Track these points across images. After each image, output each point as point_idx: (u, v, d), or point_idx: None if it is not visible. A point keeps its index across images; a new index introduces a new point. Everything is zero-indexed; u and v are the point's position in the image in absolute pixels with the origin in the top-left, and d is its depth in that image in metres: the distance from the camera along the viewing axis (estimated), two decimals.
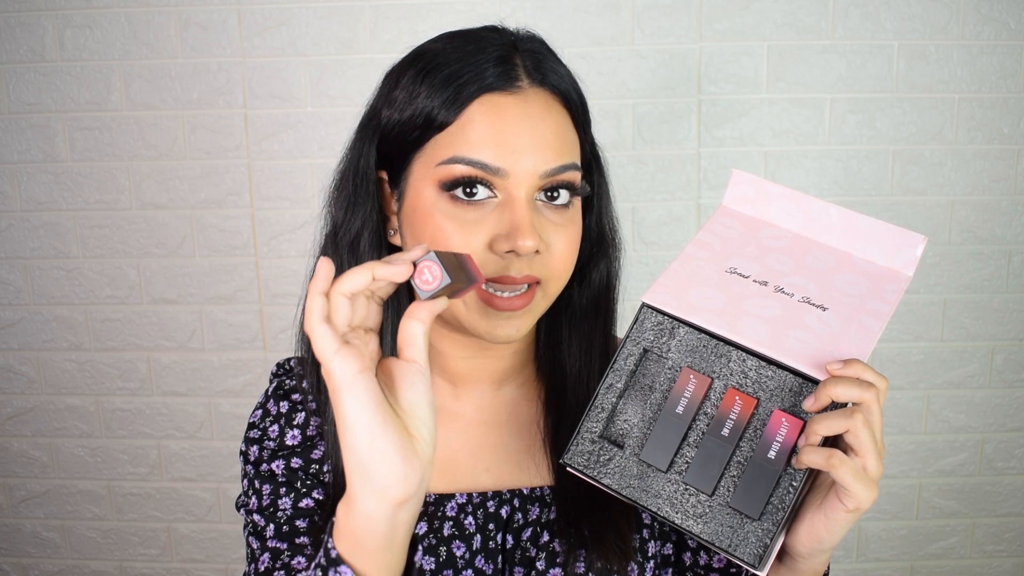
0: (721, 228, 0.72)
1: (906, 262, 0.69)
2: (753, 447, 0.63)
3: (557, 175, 0.68)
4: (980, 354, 1.62)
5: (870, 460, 0.57)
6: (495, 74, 0.68)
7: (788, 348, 0.64)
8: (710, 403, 0.64)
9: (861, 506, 0.58)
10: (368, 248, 0.74)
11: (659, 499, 0.63)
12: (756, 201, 0.73)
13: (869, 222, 0.70)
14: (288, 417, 0.79)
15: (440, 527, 0.74)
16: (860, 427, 0.57)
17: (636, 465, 0.64)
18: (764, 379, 0.64)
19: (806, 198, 0.71)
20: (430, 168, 0.68)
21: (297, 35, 1.54)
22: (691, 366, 0.65)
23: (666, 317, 0.67)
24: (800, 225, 0.72)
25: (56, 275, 1.65)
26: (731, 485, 0.62)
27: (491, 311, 0.69)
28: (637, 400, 0.66)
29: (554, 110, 0.70)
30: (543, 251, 0.69)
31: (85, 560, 1.76)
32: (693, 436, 0.64)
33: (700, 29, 1.53)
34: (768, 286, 0.68)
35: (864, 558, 1.70)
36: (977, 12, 1.50)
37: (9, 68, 1.57)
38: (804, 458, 0.58)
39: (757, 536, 0.61)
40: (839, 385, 0.59)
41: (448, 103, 0.68)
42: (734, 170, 0.74)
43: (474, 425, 0.79)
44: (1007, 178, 1.56)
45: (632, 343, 0.67)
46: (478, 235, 0.67)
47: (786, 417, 0.62)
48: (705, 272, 0.69)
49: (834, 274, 0.69)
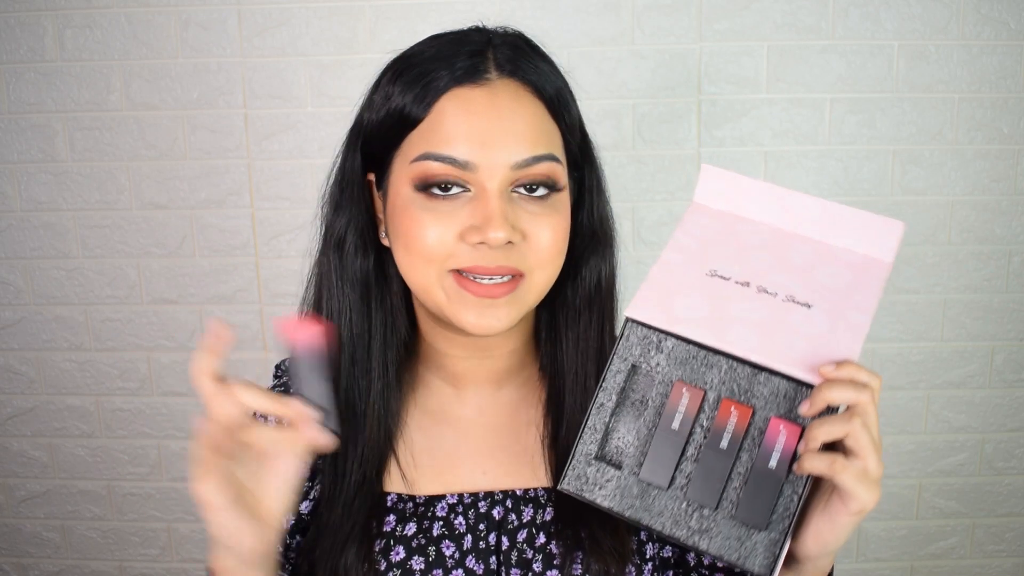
0: (696, 228, 0.71)
1: (885, 249, 0.68)
2: (753, 457, 0.62)
3: (531, 166, 0.68)
4: (980, 354, 1.62)
5: (871, 461, 0.57)
6: (464, 68, 0.68)
7: (778, 353, 0.63)
8: (705, 415, 0.63)
9: (865, 508, 0.58)
10: (353, 249, 0.74)
11: (663, 517, 0.62)
12: (729, 196, 0.71)
13: (846, 211, 0.68)
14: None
15: (430, 527, 0.74)
16: (859, 430, 0.57)
17: (636, 484, 0.63)
18: (757, 386, 0.63)
19: (779, 190, 0.70)
20: (405, 165, 0.69)
21: (297, 35, 1.54)
22: (683, 379, 0.64)
23: (652, 330, 0.66)
24: (776, 217, 0.70)
25: (56, 275, 1.65)
26: (734, 497, 0.61)
27: (470, 298, 0.68)
28: (630, 417, 0.65)
29: (525, 101, 0.69)
30: (518, 242, 0.68)
31: (85, 560, 1.76)
32: (691, 450, 0.63)
33: (700, 29, 1.53)
34: (751, 287, 0.67)
35: (864, 558, 1.70)
36: (977, 12, 1.50)
37: (9, 68, 1.57)
38: (807, 465, 0.58)
39: (765, 546, 0.60)
40: (834, 389, 0.58)
41: (418, 99, 0.68)
42: (703, 165, 0.72)
43: (474, 427, 0.79)
44: (1007, 178, 1.56)
45: (620, 359, 0.66)
46: (451, 226, 0.67)
47: (784, 424, 0.61)
48: (687, 278, 0.67)
49: (815, 268, 0.67)
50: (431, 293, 0.70)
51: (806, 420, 0.61)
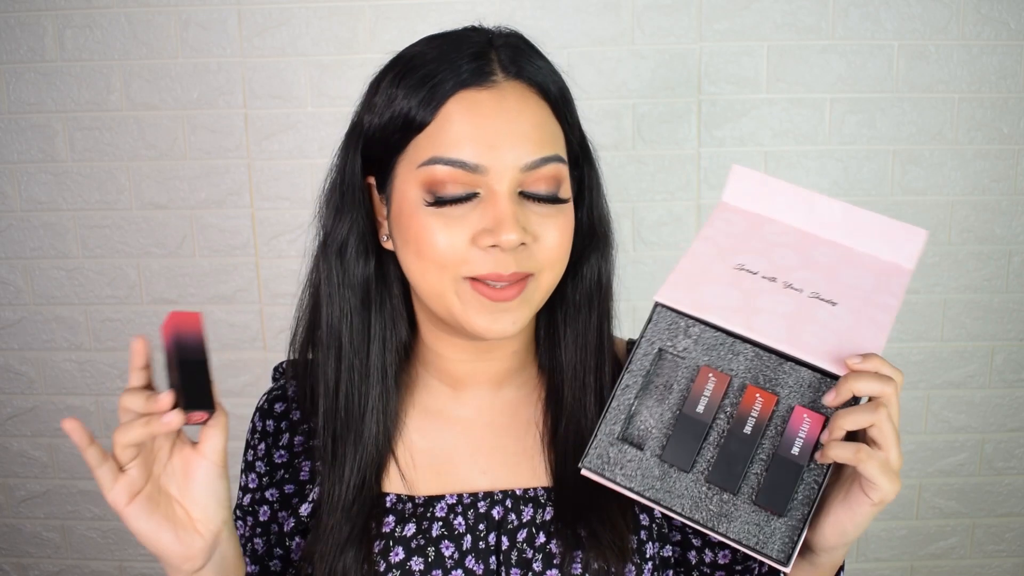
0: (724, 224, 0.72)
1: (907, 256, 0.69)
2: (775, 444, 0.62)
3: (539, 168, 0.68)
4: (980, 354, 1.62)
5: (893, 453, 0.58)
6: (469, 70, 0.68)
7: (805, 344, 0.64)
8: (730, 401, 0.64)
9: (886, 498, 0.59)
10: (355, 255, 0.74)
11: (683, 500, 0.62)
12: (757, 196, 0.73)
13: (871, 217, 0.70)
14: (275, 437, 0.80)
15: (429, 528, 0.74)
16: (884, 421, 0.58)
17: (657, 466, 0.63)
18: (782, 375, 0.64)
19: (807, 193, 0.71)
20: (412, 170, 0.69)
21: (297, 35, 1.54)
22: (709, 364, 0.65)
23: (680, 316, 0.67)
24: (802, 220, 0.72)
25: (56, 275, 1.65)
26: (755, 483, 0.62)
27: (487, 303, 0.68)
28: (654, 400, 0.66)
29: (531, 102, 0.69)
30: (529, 243, 0.68)
31: (85, 560, 1.76)
32: (714, 435, 0.63)
33: (700, 29, 1.53)
34: (777, 282, 0.68)
35: (864, 558, 1.70)
36: (977, 12, 1.50)
37: (9, 68, 1.57)
38: (831, 453, 0.59)
39: (784, 532, 0.60)
40: (860, 380, 0.59)
41: (424, 103, 0.68)
42: (734, 165, 0.73)
43: (474, 427, 0.79)
44: (1007, 178, 1.56)
45: (647, 343, 0.67)
46: (462, 231, 0.67)
47: (807, 413, 0.62)
48: (714, 269, 0.69)
49: (839, 269, 0.69)
50: (444, 299, 0.70)
51: (830, 410, 0.62)
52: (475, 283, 0.68)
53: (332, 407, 0.75)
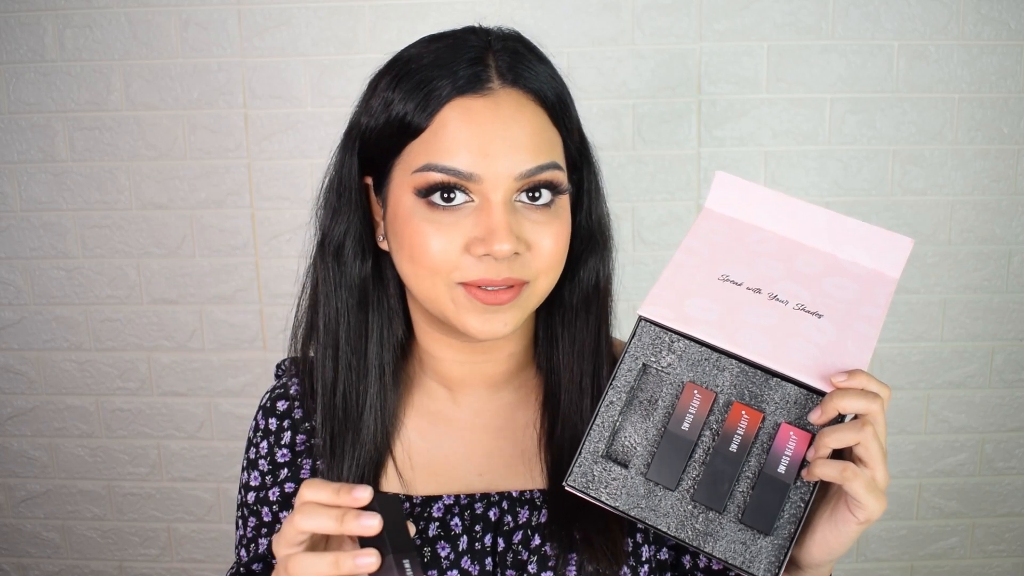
0: (707, 233, 0.71)
1: (892, 264, 0.68)
2: (761, 461, 0.62)
3: (534, 176, 0.67)
4: (980, 354, 1.62)
5: (879, 471, 0.58)
6: (466, 76, 0.68)
7: (790, 359, 0.63)
8: (715, 418, 0.63)
9: (872, 516, 0.58)
10: (352, 255, 0.74)
11: (668, 518, 0.62)
12: (740, 204, 0.72)
13: (855, 224, 0.69)
14: (277, 436, 0.80)
15: (426, 528, 0.74)
16: (870, 439, 0.57)
17: (642, 484, 0.63)
18: (768, 391, 0.63)
19: (790, 200, 0.70)
20: (407, 175, 0.68)
21: (297, 35, 1.54)
22: (694, 380, 0.64)
23: (664, 330, 0.66)
24: (785, 228, 0.71)
25: (56, 275, 1.65)
26: (741, 501, 0.61)
27: (480, 305, 0.68)
28: (639, 416, 0.65)
29: (528, 110, 0.69)
30: (523, 252, 0.68)
31: (85, 560, 1.76)
32: (699, 453, 0.63)
33: (700, 29, 1.53)
34: (762, 294, 0.67)
35: (864, 558, 1.70)
36: (977, 12, 1.50)
37: (9, 68, 1.57)
38: (817, 471, 0.58)
39: (770, 552, 0.60)
40: (846, 398, 0.59)
41: (420, 108, 0.68)
42: (718, 172, 0.73)
43: (470, 429, 0.79)
44: (1007, 178, 1.56)
45: (631, 358, 0.66)
46: (456, 238, 0.67)
47: (793, 430, 0.62)
48: (698, 280, 0.68)
49: (823, 279, 0.68)
50: (438, 303, 0.70)
51: (816, 428, 0.61)
52: (469, 287, 0.68)
53: (330, 405, 0.75)
